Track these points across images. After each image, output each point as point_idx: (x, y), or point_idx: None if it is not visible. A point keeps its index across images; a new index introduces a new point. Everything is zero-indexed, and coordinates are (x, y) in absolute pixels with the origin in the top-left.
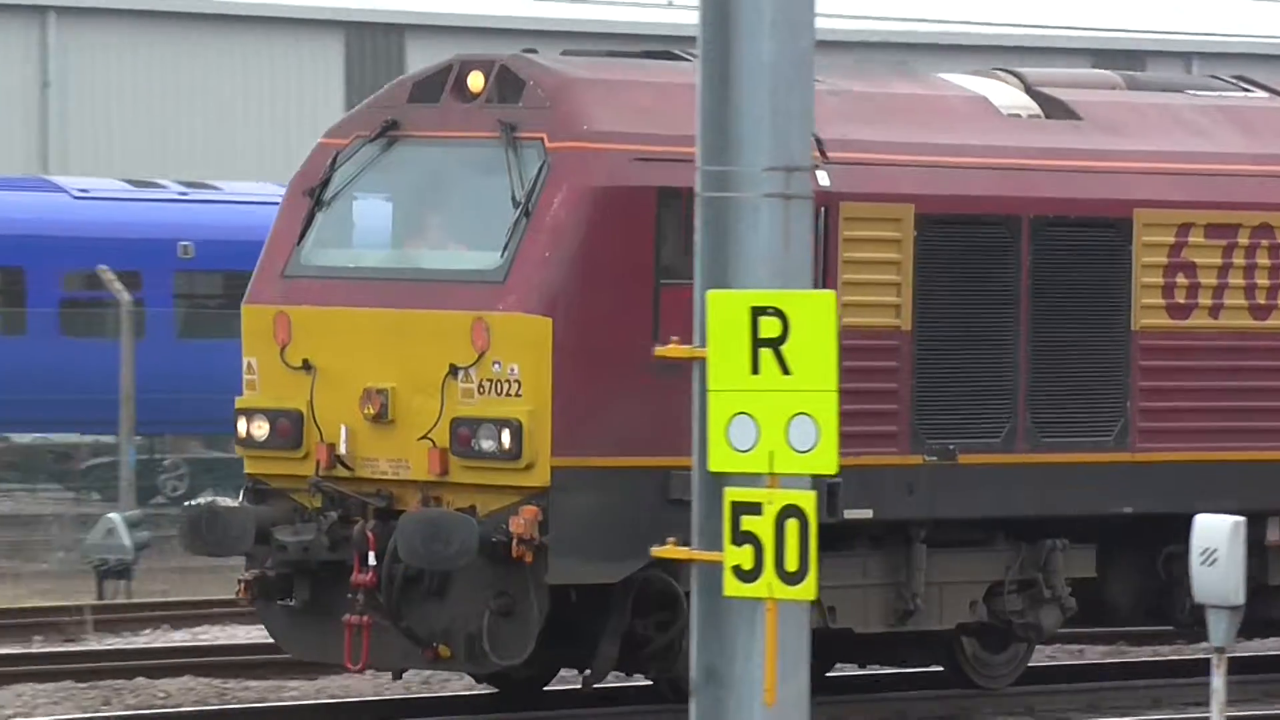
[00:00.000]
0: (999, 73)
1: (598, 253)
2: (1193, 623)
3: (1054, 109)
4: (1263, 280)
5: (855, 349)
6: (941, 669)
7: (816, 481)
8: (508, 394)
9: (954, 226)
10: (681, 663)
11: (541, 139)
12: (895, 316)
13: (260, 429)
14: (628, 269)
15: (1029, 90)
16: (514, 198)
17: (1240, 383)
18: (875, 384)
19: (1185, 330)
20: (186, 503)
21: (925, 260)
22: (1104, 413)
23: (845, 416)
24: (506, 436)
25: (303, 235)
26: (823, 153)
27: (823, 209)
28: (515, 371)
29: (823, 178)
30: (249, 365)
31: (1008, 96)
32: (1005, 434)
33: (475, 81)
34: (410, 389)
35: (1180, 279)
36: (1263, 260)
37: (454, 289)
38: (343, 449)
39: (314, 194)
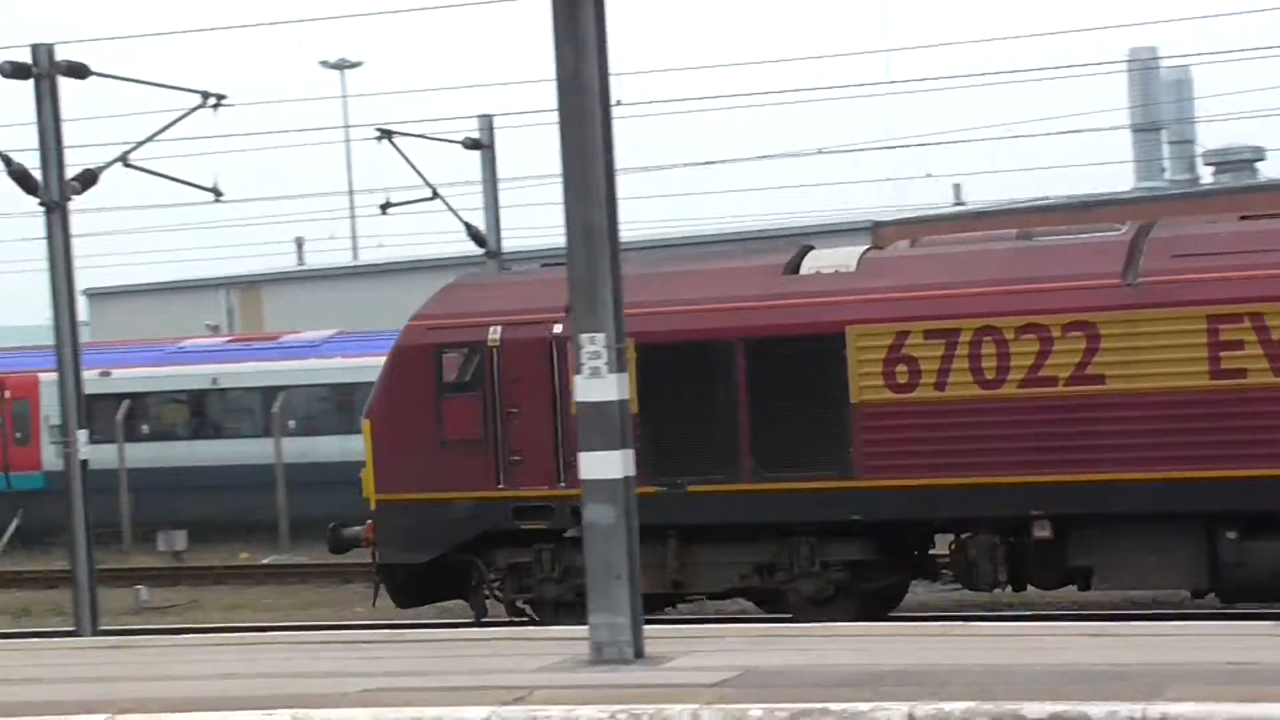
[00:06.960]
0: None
1: (400, 380)
2: (993, 584)
3: (859, 266)
4: (988, 364)
5: None
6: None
7: (561, 503)
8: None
9: (670, 349)
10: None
11: None
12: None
13: None
14: (421, 389)
15: (862, 256)
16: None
17: (957, 433)
18: None
19: (902, 401)
20: None
21: (645, 369)
22: (828, 455)
23: None
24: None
25: None
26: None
27: (553, 345)
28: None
29: (557, 328)
30: None
31: (828, 261)
32: (731, 471)
33: None
34: None
35: (901, 367)
36: (988, 350)
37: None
38: None
39: None
